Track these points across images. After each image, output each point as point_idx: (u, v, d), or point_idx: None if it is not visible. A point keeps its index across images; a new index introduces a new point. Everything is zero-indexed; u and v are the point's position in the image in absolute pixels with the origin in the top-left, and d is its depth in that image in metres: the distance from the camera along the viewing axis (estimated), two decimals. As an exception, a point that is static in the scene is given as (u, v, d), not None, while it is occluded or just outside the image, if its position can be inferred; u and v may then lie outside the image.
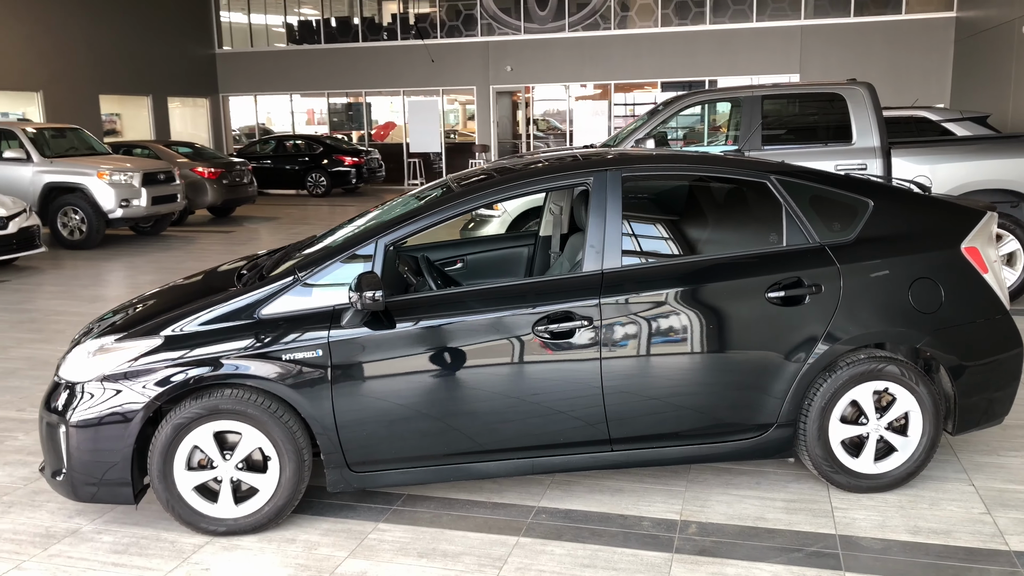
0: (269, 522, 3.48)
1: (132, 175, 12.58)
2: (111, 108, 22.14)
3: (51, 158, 12.60)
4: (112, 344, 3.45)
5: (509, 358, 3.44)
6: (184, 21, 23.55)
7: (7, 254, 10.21)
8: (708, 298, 3.51)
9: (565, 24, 22.08)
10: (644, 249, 3.74)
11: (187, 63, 23.71)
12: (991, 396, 3.75)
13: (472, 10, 22.79)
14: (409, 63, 23.22)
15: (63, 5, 19.38)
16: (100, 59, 20.54)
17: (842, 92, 7.37)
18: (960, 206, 3.86)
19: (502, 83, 22.74)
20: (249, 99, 25.29)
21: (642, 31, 21.63)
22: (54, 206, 12.39)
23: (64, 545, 3.45)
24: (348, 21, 24.04)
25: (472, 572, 3.17)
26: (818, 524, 3.47)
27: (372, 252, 3.49)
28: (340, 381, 3.38)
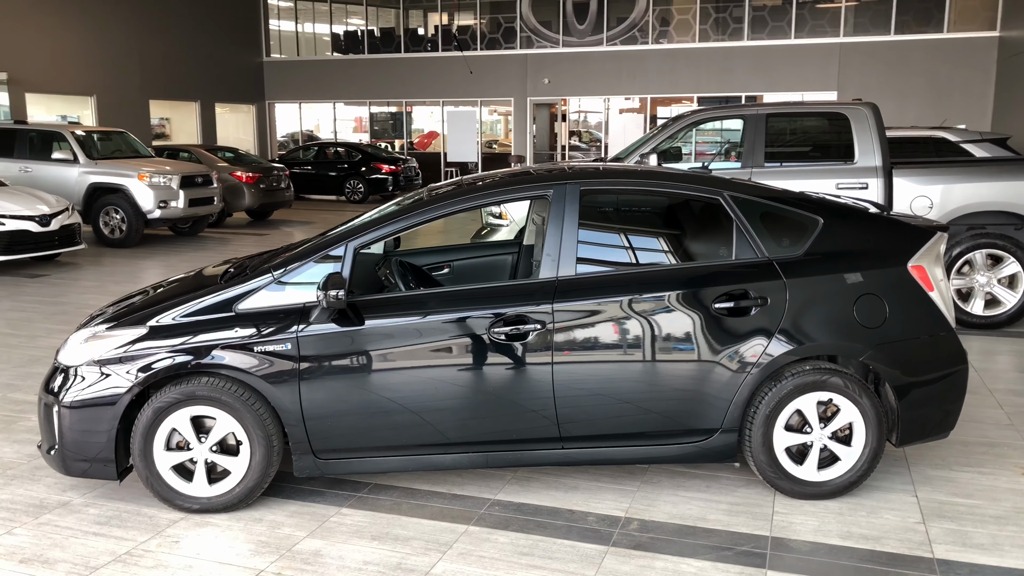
0: (240, 502, 3.75)
1: (171, 178, 13.10)
2: (161, 113, 22.95)
3: (96, 160, 13.20)
4: (103, 332, 3.77)
5: (465, 357, 3.67)
6: (233, 30, 24.31)
7: (49, 250, 10.75)
8: (657, 307, 3.70)
9: (603, 38, 22.29)
10: (599, 259, 3.92)
11: (235, 71, 24.46)
12: (934, 411, 3.86)
13: (512, 23, 23.13)
14: (449, 74, 23.63)
15: (117, 13, 20.18)
16: (151, 66, 21.33)
17: (846, 112, 7.46)
18: (911, 226, 3.99)
19: (539, 95, 23.02)
20: (294, 106, 25.95)
21: (679, 46, 21.74)
22: (97, 205, 12.96)
23: (53, 515, 3.76)
24: (392, 32, 24.56)
25: (417, 555, 3.40)
26: (755, 526, 3.63)
27: (342, 254, 3.75)
28: (307, 373, 3.64)
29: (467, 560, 3.36)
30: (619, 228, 4.13)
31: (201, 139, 23.29)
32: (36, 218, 10.45)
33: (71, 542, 3.51)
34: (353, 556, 3.39)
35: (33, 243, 10.48)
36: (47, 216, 10.60)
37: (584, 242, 3.82)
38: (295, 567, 3.31)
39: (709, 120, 8.05)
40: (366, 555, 3.40)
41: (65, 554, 3.41)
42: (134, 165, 13.17)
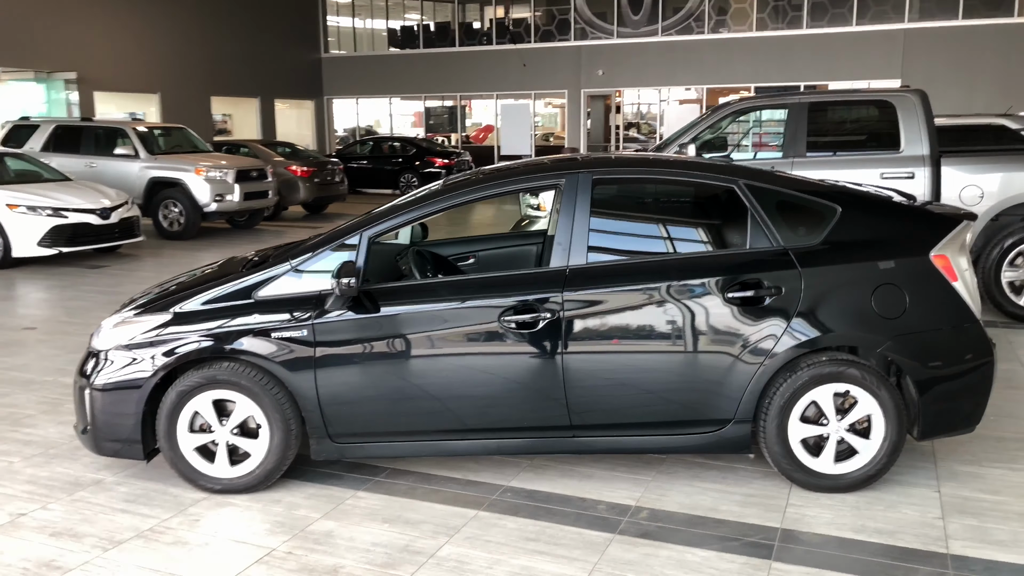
0: (259, 484, 3.87)
1: (226, 172, 13.46)
2: (223, 109, 23.56)
3: (156, 155, 13.63)
4: (131, 318, 3.92)
5: (477, 344, 3.72)
6: (293, 27, 24.79)
7: (110, 242, 11.16)
8: (668, 295, 3.68)
9: (658, 28, 22.06)
10: (612, 247, 3.92)
11: (294, 67, 24.95)
12: (958, 404, 3.76)
13: (566, 15, 23.06)
14: (503, 67, 23.70)
15: (181, 14, 20.78)
16: (213, 63, 21.90)
17: (892, 99, 7.26)
18: (935, 214, 3.88)
19: (593, 87, 22.92)
20: (351, 102, 26.35)
21: (736, 35, 21.39)
22: (157, 199, 13.40)
23: (86, 492, 3.94)
24: (447, 27, 24.73)
25: (426, 538, 3.46)
26: (766, 518, 3.59)
27: (357, 242, 3.83)
28: (322, 359, 3.73)
29: (473, 544, 3.41)
30: (632, 217, 4.12)
31: (261, 134, 23.84)
32: (97, 211, 10.86)
33: (100, 518, 3.67)
34: (363, 537, 3.47)
35: (94, 235, 10.89)
36: (107, 209, 11.00)
37: (597, 231, 3.82)
38: (306, 547, 3.40)
39: (751, 110, 7.92)
40: (376, 537, 3.48)
41: (93, 528, 3.57)
42: (192, 160, 13.57)
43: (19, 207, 10.37)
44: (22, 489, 3.98)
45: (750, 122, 8.27)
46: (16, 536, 3.51)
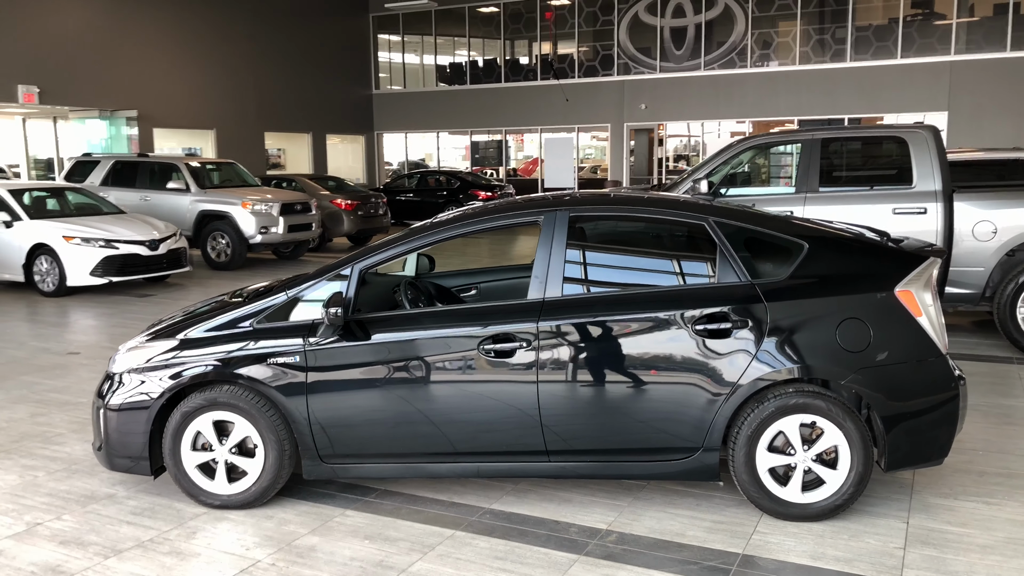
0: (255, 500, 4.13)
1: (272, 205, 14.00)
2: (277, 143, 24.40)
3: (206, 189, 14.26)
4: (142, 343, 4.25)
5: (457, 372, 3.94)
6: (345, 65, 25.62)
7: (158, 272, 11.71)
8: (637, 327, 3.85)
9: (701, 62, 22.23)
10: (587, 280, 4.11)
11: (346, 103, 25.75)
12: (923, 437, 3.84)
13: (609, 51, 23.40)
14: (547, 102, 24.10)
15: (236, 52, 21.70)
16: (266, 100, 22.77)
17: (904, 135, 7.33)
18: (902, 251, 3.99)
19: (636, 120, 23.14)
20: (401, 136, 27.03)
21: (779, 69, 21.43)
22: (206, 231, 13.99)
23: (99, 505, 4.25)
24: (493, 63, 25.28)
25: (401, 554, 3.67)
26: (730, 544, 3.71)
27: (349, 274, 4.10)
28: (313, 383, 4.00)
29: (444, 561, 3.60)
30: (607, 252, 4.31)
31: (312, 168, 24.59)
32: (146, 243, 11.42)
33: (106, 528, 3.97)
34: (343, 553, 3.70)
35: (143, 265, 11.45)
36: (156, 241, 11.56)
37: (573, 264, 4.03)
38: (288, 559, 3.64)
39: (764, 146, 8.05)
40: (355, 552, 3.70)
41: (99, 538, 3.86)
42: (239, 194, 14.16)
43: (74, 239, 10.98)
44: (41, 501, 4.31)
45: (763, 158, 8.38)
46: (29, 543, 3.82)
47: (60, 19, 17.67)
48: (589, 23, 23.70)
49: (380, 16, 26.43)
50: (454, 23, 25.68)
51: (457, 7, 25.30)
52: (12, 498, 4.35)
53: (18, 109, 18.09)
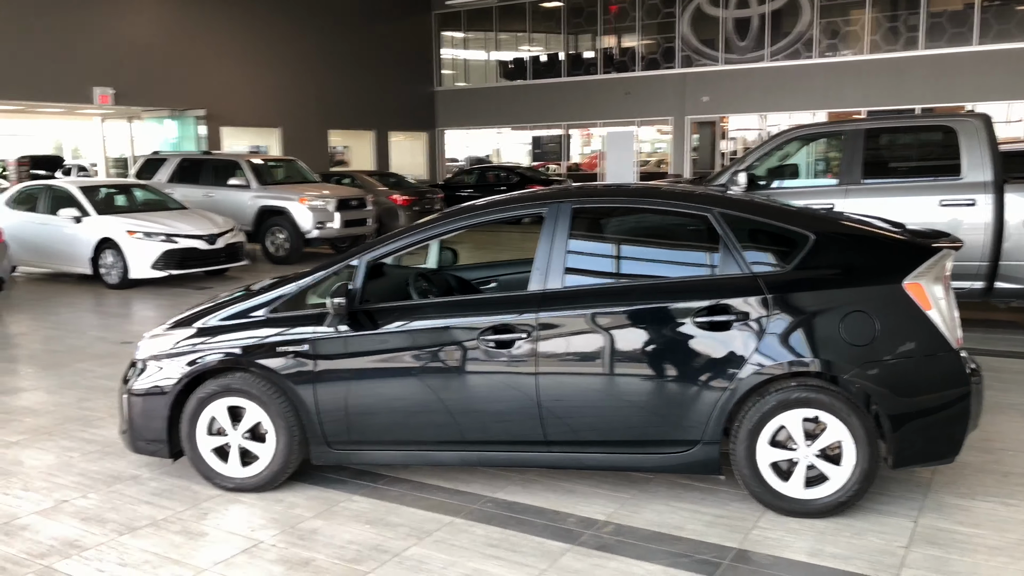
0: (266, 484, 4.26)
1: (328, 201, 14.31)
2: (342, 141, 24.88)
3: (266, 185, 14.65)
4: (163, 331, 4.42)
5: (458, 362, 3.99)
6: (408, 63, 25.95)
7: (215, 265, 12.11)
8: (637, 318, 3.84)
9: (764, 54, 21.77)
10: (588, 272, 4.10)
11: (408, 100, 26.09)
12: (931, 433, 3.72)
13: (671, 43, 23.10)
14: (608, 96, 23.95)
15: (301, 52, 22.20)
16: (330, 99, 23.23)
17: (953, 124, 7.07)
18: (912, 243, 3.86)
19: (698, 113, 22.80)
20: (462, 132, 27.24)
21: (847, 59, 20.83)
22: (265, 226, 14.39)
23: (123, 485, 4.45)
24: (554, 58, 25.25)
25: (398, 539, 3.74)
26: (727, 538, 3.66)
27: (357, 265, 4.18)
28: (320, 371, 4.10)
29: (439, 547, 3.66)
30: (609, 243, 4.29)
31: (375, 165, 24.98)
32: (204, 237, 11.82)
33: (126, 507, 4.15)
34: (342, 536, 3.79)
35: (201, 259, 11.85)
36: (214, 235, 11.95)
37: (575, 256, 4.03)
38: (289, 541, 3.75)
39: (806, 137, 7.86)
40: (354, 536, 3.79)
41: (117, 516, 4.05)
42: (297, 190, 14.51)
43: (137, 233, 11.44)
44: (72, 480, 4.53)
45: (806, 150, 8.19)
46: (54, 518, 4.03)
47: (133, 24, 18.38)
48: (651, 16, 23.45)
49: (442, 13, 26.66)
50: (516, 18, 25.74)
51: (519, 2, 25.35)
52: (46, 476, 4.59)
53: (95, 110, 18.90)
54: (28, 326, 9.07)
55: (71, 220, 11.84)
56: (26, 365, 7.25)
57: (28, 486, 4.46)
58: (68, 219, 11.86)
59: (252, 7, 20.79)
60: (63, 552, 3.68)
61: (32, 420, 5.62)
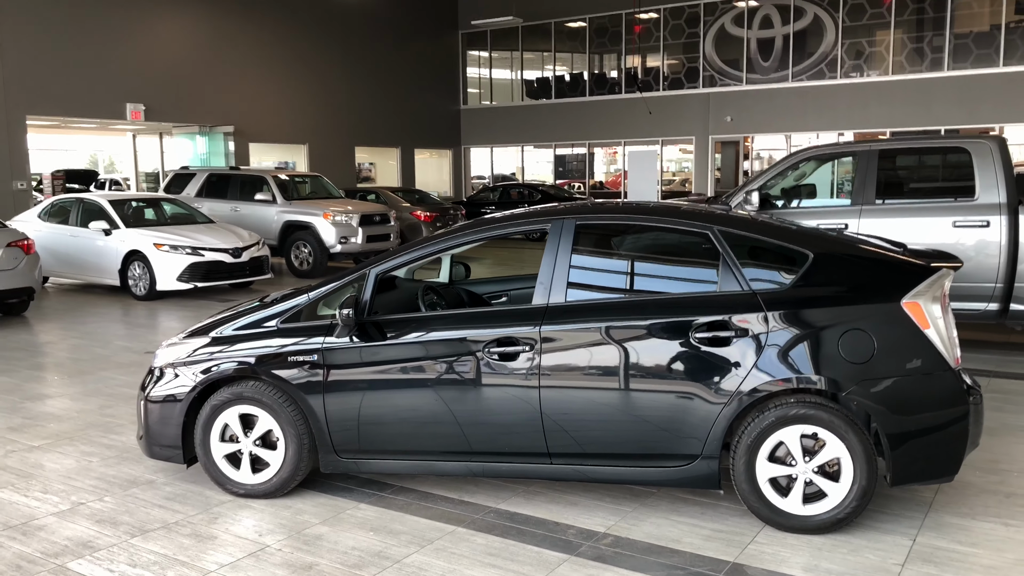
0: (276, 490, 4.36)
1: (352, 216, 14.52)
2: (368, 158, 25.19)
3: (291, 200, 14.90)
4: (180, 340, 4.56)
5: (463, 373, 4.08)
6: (434, 81, 26.25)
7: (240, 278, 12.32)
8: (638, 333, 3.91)
9: (788, 74, 21.78)
10: (591, 287, 4.17)
11: (434, 118, 26.37)
12: (929, 451, 3.74)
13: (695, 63, 23.19)
14: (631, 115, 24.05)
15: (329, 70, 22.56)
16: (357, 116, 23.56)
17: (967, 146, 7.08)
18: (910, 262, 3.91)
19: (721, 133, 22.83)
20: (487, 150, 27.46)
21: (871, 80, 20.78)
22: (290, 240, 14.62)
23: (138, 489, 4.57)
24: (578, 77, 25.42)
25: (400, 546, 3.83)
26: (724, 552, 3.71)
27: (366, 277, 4.30)
28: (329, 381, 4.21)
29: (439, 555, 3.74)
30: (611, 259, 4.37)
31: (401, 182, 25.25)
32: (230, 251, 12.04)
33: (140, 511, 4.28)
34: (346, 542, 3.88)
35: (227, 272, 12.07)
36: (239, 249, 12.17)
37: (578, 271, 4.11)
38: (294, 545, 3.85)
39: (820, 158, 7.90)
40: (357, 542, 3.88)
41: (131, 519, 4.17)
42: (321, 205, 14.73)
43: (164, 246, 11.69)
44: (90, 483, 4.67)
45: (820, 170, 8.21)
46: (70, 520, 4.17)
47: (165, 42, 18.81)
48: (675, 36, 23.56)
49: (469, 33, 26.97)
50: (540, 38, 25.97)
51: (543, 22, 25.58)
52: (65, 480, 4.73)
53: (127, 126, 19.34)
54: (56, 335, 9.31)
55: (101, 233, 12.13)
56: (52, 373, 7.44)
57: (47, 488, 4.60)
58: (98, 232, 12.15)
59: (280, 26, 21.18)
60: (76, 552, 3.80)
61: (55, 426, 5.79)
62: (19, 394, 6.68)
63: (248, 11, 20.38)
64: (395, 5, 24.33)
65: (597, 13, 24.61)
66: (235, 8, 20.10)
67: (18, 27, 16.32)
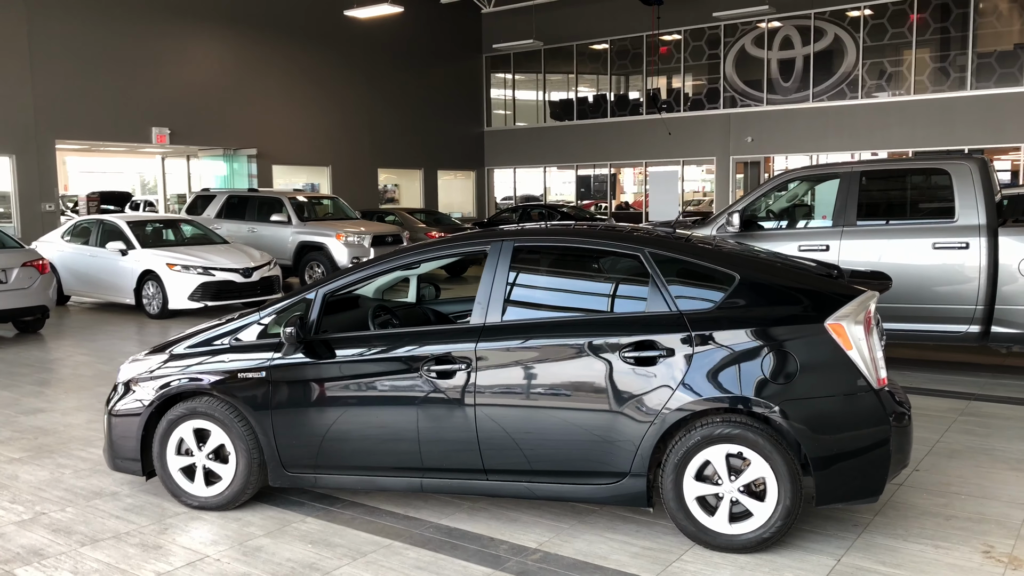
0: (228, 503, 4.51)
1: (364, 237, 14.76)
2: (392, 179, 25.55)
3: (306, 221, 15.20)
4: (143, 356, 4.75)
5: (403, 391, 4.19)
6: (458, 103, 26.59)
7: (250, 297, 12.59)
8: (569, 352, 3.99)
9: (809, 94, 21.69)
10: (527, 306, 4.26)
11: (458, 140, 26.69)
12: (851, 472, 3.76)
13: (716, 84, 23.20)
14: (652, 136, 24.11)
15: (352, 93, 22.99)
16: (380, 138, 23.95)
17: (947, 167, 7.06)
18: (837, 284, 3.94)
19: (742, 153, 22.77)
20: (509, 171, 27.69)
21: (892, 99, 20.61)
22: (303, 260, 14.91)
23: (100, 501, 4.75)
24: (600, 98, 25.57)
25: (334, 559, 3.94)
26: (646, 569, 3.76)
27: (313, 297, 4.44)
28: (276, 397, 4.35)
29: (368, 568, 3.84)
30: (547, 280, 4.46)
31: (424, 203, 25.55)
32: (240, 270, 12.33)
33: (97, 521, 4.45)
34: (283, 554, 4.00)
35: (237, 291, 12.35)
36: (250, 269, 12.46)
37: (516, 290, 4.22)
38: (233, 556, 3.98)
39: (803, 179, 7.91)
40: (293, 554, 4.00)
41: (86, 529, 4.34)
42: (335, 226, 15.01)
43: (176, 266, 12.01)
44: (56, 494, 4.86)
45: (801, 192, 8.22)
46: (28, 529, 4.35)
47: (189, 67, 19.36)
48: (696, 57, 23.62)
49: (492, 56, 27.29)
50: (563, 60, 26.19)
51: (566, 45, 25.81)
52: (34, 491, 4.92)
53: (154, 149, 19.89)
54: (65, 351, 9.62)
55: (118, 253, 12.51)
56: (52, 388, 7.71)
57: (16, 499, 4.80)
58: (115, 252, 12.54)
59: (303, 50, 21.67)
60: (25, 559, 3.97)
61: (40, 439, 6.01)
62: (15, 408, 6.94)
63: (271, 37, 20.91)
64: (419, 31, 24.74)
65: (618, 36, 24.77)
66: (259, 34, 20.64)
67: (48, 55, 16.95)
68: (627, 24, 24.32)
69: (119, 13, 17.99)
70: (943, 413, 6.25)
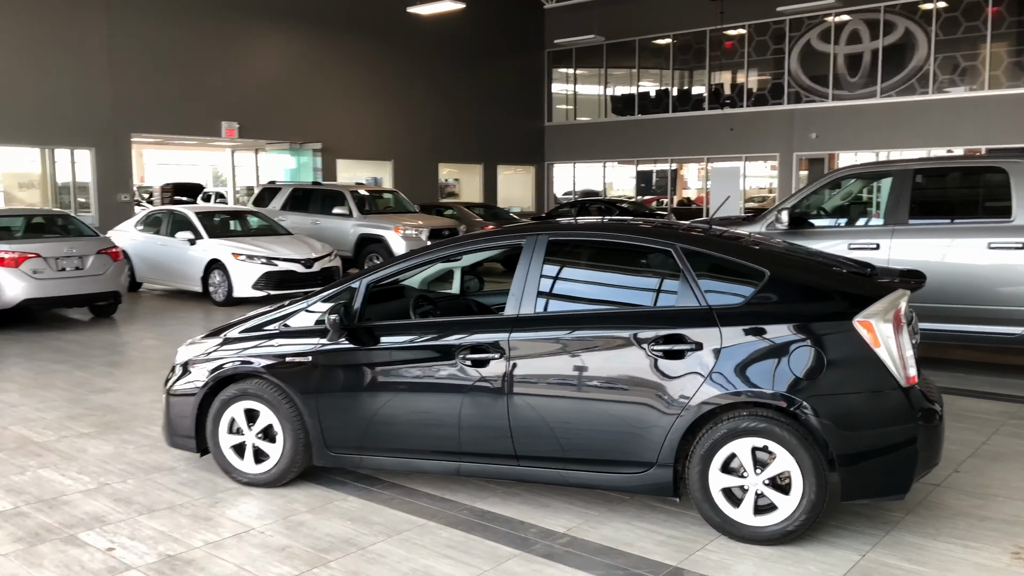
0: (275, 480, 4.74)
1: (421, 230, 15.04)
2: (453, 173, 25.87)
3: (366, 214, 15.55)
4: (199, 339, 5.02)
5: (440, 378, 4.36)
6: (519, 99, 26.74)
7: (312, 287, 12.92)
8: (600, 343, 4.10)
9: (877, 90, 21.20)
10: (560, 298, 4.38)
11: (518, 135, 26.85)
12: (878, 469, 3.78)
13: (780, 79, 22.85)
14: (714, 131, 23.87)
15: (415, 88, 23.33)
16: (441, 133, 24.26)
17: (1005, 166, 6.91)
18: (867, 281, 3.96)
19: (805, 150, 22.39)
20: (569, 166, 27.73)
21: (965, 95, 20.00)
22: (363, 252, 15.26)
23: (159, 475, 5.05)
24: (662, 94, 25.41)
25: (370, 535, 4.13)
26: (670, 557, 3.85)
27: (357, 286, 4.64)
28: (322, 381, 4.56)
29: (402, 545, 4.02)
30: (580, 273, 4.57)
31: (483, 197, 25.78)
32: (302, 261, 12.72)
33: (154, 493, 4.74)
34: (323, 529, 4.21)
35: (299, 281, 12.72)
36: (311, 259, 12.84)
37: (548, 283, 4.34)
38: (276, 529, 4.21)
39: (855, 176, 7.82)
40: (332, 529, 4.20)
41: (144, 500, 4.63)
42: (394, 219, 15.33)
43: (241, 256, 12.45)
44: (119, 467, 5.18)
45: (854, 189, 8.12)
46: (92, 497, 4.66)
47: (257, 63, 19.94)
48: (760, 52, 23.29)
49: (554, 51, 27.35)
50: (625, 55, 26.10)
51: (628, 40, 25.71)
52: (100, 463, 5.25)
53: (223, 142, 20.55)
54: (135, 335, 10.09)
55: (187, 242, 13.02)
56: (121, 369, 8.13)
57: (83, 470, 5.13)
58: (184, 241, 13.05)
59: (367, 47, 22.08)
60: (88, 524, 4.27)
61: (108, 416, 6.38)
62: (87, 387, 7.35)
63: (336, 34, 21.37)
64: (481, 26, 24.95)
65: (681, 30, 24.58)
66: (324, 30, 21.11)
67: (125, 53, 17.67)
68: (690, 19, 24.11)
69: (191, 14, 18.64)
70: (993, 416, 6.15)
